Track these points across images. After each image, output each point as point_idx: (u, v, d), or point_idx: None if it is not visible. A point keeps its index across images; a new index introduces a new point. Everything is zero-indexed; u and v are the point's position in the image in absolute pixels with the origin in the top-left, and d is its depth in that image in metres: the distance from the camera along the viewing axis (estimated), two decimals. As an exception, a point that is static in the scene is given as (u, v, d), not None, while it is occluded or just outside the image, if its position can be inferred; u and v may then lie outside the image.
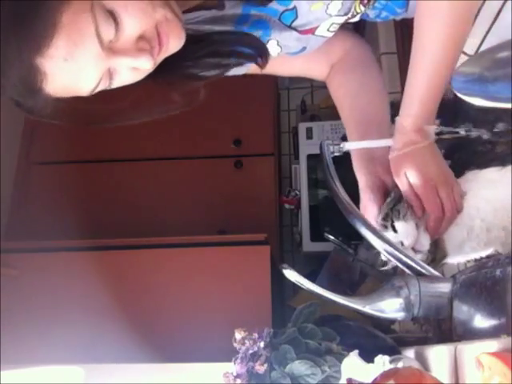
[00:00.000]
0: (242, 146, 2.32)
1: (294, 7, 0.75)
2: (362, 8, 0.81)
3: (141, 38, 0.62)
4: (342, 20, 0.80)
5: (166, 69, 0.71)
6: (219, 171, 2.31)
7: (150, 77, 0.70)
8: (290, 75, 1.02)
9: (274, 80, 2.48)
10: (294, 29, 0.79)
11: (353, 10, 0.79)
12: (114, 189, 2.28)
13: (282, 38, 0.80)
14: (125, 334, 1.50)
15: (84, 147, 2.33)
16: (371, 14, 0.87)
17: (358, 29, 2.51)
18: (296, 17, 0.76)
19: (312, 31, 0.80)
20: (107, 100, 0.71)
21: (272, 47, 0.82)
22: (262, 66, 0.80)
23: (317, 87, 2.65)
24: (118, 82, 0.66)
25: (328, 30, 0.81)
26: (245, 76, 0.93)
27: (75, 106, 0.67)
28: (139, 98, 0.76)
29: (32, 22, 0.55)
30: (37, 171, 2.34)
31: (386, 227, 0.82)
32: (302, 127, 2.30)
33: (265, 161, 2.33)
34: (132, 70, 0.64)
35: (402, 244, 0.79)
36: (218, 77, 0.80)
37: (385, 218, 0.82)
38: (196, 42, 0.74)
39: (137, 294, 1.71)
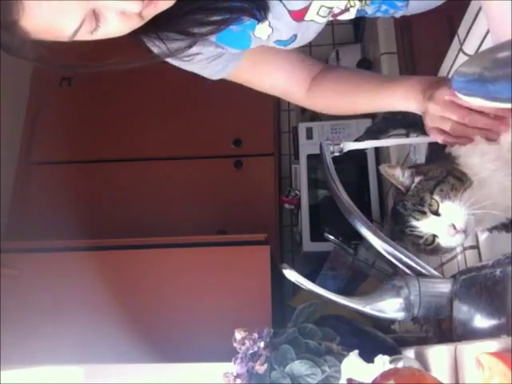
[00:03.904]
0: (242, 145, 2.33)
1: None
2: (357, 2, 0.79)
3: None
4: (331, 4, 0.78)
5: (154, 25, 0.66)
6: (219, 171, 2.32)
7: (138, 33, 0.65)
8: (267, 87, 0.96)
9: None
10: (285, 5, 0.76)
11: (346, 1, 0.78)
12: (114, 189, 2.28)
13: (273, 18, 0.78)
14: (125, 334, 1.50)
15: (84, 147, 2.34)
16: (369, 9, 0.84)
17: (358, 29, 2.52)
18: None
19: (302, 14, 0.78)
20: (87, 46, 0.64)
21: (263, 28, 0.79)
22: (260, 20, 0.76)
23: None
24: (103, 31, 0.61)
25: (318, 13, 0.79)
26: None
27: (53, 48, 0.62)
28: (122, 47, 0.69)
29: None
30: (37, 171, 2.34)
31: (423, 213, 0.76)
32: (302, 127, 2.30)
33: (265, 161, 2.34)
34: (120, 16, 0.60)
35: (455, 227, 0.74)
36: (211, 33, 0.75)
37: (420, 203, 0.76)
38: None
39: (136, 294, 1.71)
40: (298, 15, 0.78)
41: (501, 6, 0.66)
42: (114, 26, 0.61)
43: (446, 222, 0.75)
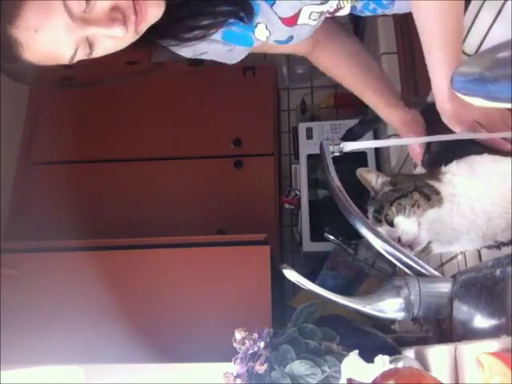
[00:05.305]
0: (242, 146, 2.33)
1: None
2: (348, 1, 0.82)
3: (114, 8, 0.65)
4: (320, 8, 0.80)
5: (150, 33, 0.72)
6: (219, 171, 2.31)
7: (136, 44, 0.72)
8: (275, 50, 1.02)
9: (274, 80, 2.48)
10: (275, 13, 0.79)
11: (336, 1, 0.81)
12: (114, 189, 2.28)
13: (269, 22, 0.82)
14: (125, 334, 1.50)
15: (84, 147, 2.33)
16: (358, 5, 0.88)
17: (358, 29, 2.52)
18: (274, 1, 0.78)
19: (294, 20, 0.81)
20: (90, 65, 0.74)
21: (261, 31, 0.83)
22: (246, 22, 0.80)
23: (317, 87, 2.64)
24: (100, 51, 0.69)
25: (309, 17, 0.82)
26: (245, 76, 0.94)
27: (58, 71, 0.70)
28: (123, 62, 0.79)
29: None
30: (37, 171, 2.34)
31: (379, 221, 0.80)
32: (302, 127, 2.30)
33: (265, 161, 2.33)
34: (111, 38, 0.67)
35: (399, 240, 0.77)
36: (202, 37, 0.81)
37: (379, 211, 0.80)
38: (176, 6, 0.75)
39: (136, 294, 1.71)
40: (290, 22, 0.82)
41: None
42: (109, 45, 0.69)
43: (395, 233, 0.78)
